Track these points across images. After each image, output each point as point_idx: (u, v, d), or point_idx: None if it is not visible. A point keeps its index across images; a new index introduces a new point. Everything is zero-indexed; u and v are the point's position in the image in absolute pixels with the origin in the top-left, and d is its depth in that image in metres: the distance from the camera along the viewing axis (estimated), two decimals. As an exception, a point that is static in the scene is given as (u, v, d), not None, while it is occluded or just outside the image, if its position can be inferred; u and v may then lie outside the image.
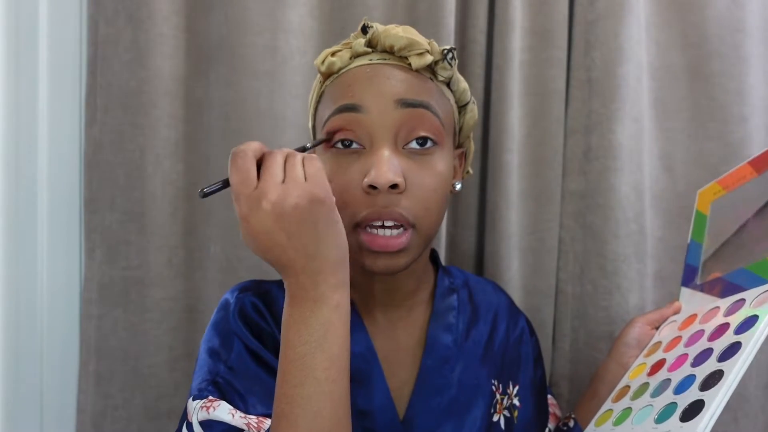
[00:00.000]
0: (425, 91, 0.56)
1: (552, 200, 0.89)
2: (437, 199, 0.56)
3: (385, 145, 0.54)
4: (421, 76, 0.57)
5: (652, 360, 0.64)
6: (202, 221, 0.84)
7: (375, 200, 0.53)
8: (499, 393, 0.63)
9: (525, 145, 0.89)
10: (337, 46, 0.60)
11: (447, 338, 0.62)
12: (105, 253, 0.80)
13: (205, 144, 0.83)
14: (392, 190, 0.53)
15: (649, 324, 0.71)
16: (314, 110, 0.62)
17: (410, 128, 0.55)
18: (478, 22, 0.87)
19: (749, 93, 0.91)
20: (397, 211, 0.54)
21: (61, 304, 0.84)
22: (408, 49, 0.56)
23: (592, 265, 0.88)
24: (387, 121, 0.54)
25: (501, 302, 0.71)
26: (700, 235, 0.72)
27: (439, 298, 0.65)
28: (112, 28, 0.79)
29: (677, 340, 0.63)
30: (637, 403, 0.57)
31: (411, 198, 0.54)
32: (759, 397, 0.92)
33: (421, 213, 0.55)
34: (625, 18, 0.86)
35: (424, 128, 0.55)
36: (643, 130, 0.88)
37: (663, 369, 0.59)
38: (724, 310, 0.59)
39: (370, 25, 0.58)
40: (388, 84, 0.55)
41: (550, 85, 0.88)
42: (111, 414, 0.79)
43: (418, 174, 0.55)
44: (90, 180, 0.80)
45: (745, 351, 0.50)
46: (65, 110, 0.83)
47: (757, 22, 0.92)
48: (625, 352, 0.70)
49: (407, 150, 0.55)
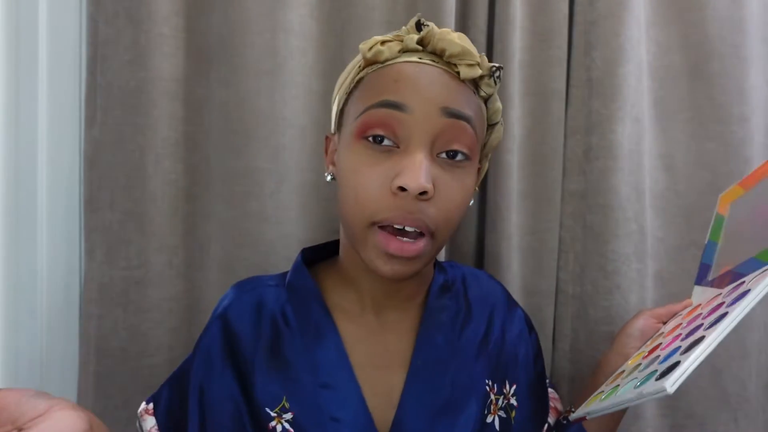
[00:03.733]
0: (469, 104, 0.55)
1: (552, 200, 0.89)
2: (460, 213, 0.56)
3: (421, 150, 0.53)
4: (466, 88, 0.56)
5: (651, 346, 0.64)
6: (202, 221, 0.84)
7: (401, 203, 0.52)
8: (493, 393, 0.62)
9: (525, 145, 0.89)
10: (387, 36, 0.58)
11: (439, 338, 0.61)
12: (105, 253, 0.80)
13: (205, 144, 0.83)
14: (420, 196, 0.52)
15: (655, 317, 0.70)
16: (347, 95, 0.59)
17: (449, 138, 0.54)
18: (478, 22, 0.87)
19: (749, 93, 0.91)
20: (421, 219, 0.53)
21: (61, 304, 0.84)
22: (460, 57, 0.55)
23: (592, 265, 0.88)
24: (428, 127, 0.53)
25: (497, 296, 0.69)
26: (716, 235, 0.71)
27: (432, 297, 0.64)
28: (112, 28, 0.79)
29: (677, 327, 0.63)
30: (626, 380, 0.58)
31: (436, 207, 0.53)
32: (759, 397, 0.92)
33: (442, 224, 0.54)
34: (625, 18, 0.86)
35: (461, 142, 0.54)
36: (644, 130, 0.88)
37: (657, 351, 0.60)
38: (724, 294, 0.60)
39: (426, 24, 0.57)
40: (436, 89, 0.54)
41: (550, 85, 0.88)
42: (111, 414, 0.79)
43: (447, 184, 0.54)
44: (90, 180, 0.80)
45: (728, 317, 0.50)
46: (65, 110, 0.83)
47: (757, 22, 0.92)
48: (627, 342, 0.68)
49: (440, 159, 0.54)
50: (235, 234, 0.81)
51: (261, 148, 0.81)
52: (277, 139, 0.81)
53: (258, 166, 0.81)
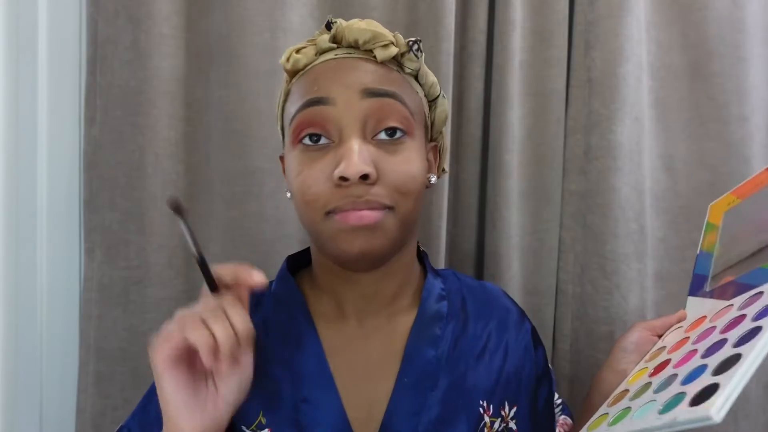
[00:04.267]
0: (391, 81, 0.55)
1: (552, 200, 0.89)
2: (414, 184, 0.54)
3: (353, 136, 0.52)
4: (388, 68, 0.56)
5: (655, 363, 0.59)
6: (202, 221, 0.84)
7: (347, 191, 0.51)
8: (488, 415, 0.57)
9: (525, 145, 0.89)
10: (301, 43, 0.59)
11: (429, 352, 0.57)
12: (105, 252, 0.80)
13: (205, 144, 0.83)
14: (363, 180, 0.51)
15: (650, 330, 0.65)
16: (281, 110, 0.61)
17: (378, 118, 0.53)
18: (478, 22, 0.87)
19: (749, 93, 0.91)
20: (372, 200, 0.52)
21: (61, 304, 0.84)
22: (372, 41, 0.55)
23: (592, 265, 0.88)
24: (354, 112, 0.53)
25: (503, 312, 0.64)
26: (710, 245, 0.68)
27: (424, 305, 0.60)
28: (112, 28, 0.79)
29: (684, 341, 0.58)
30: (637, 401, 0.53)
31: (385, 186, 0.52)
32: (759, 397, 0.92)
33: (397, 196, 0.53)
34: (625, 18, 0.86)
35: (392, 118, 0.54)
36: (644, 130, 0.88)
37: (668, 367, 0.54)
38: (739, 305, 0.55)
39: (334, 21, 0.57)
40: (354, 75, 0.54)
41: (550, 85, 0.88)
42: (111, 414, 0.79)
43: (389, 162, 0.53)
44: (90, 180, 0.80)
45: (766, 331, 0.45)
46: (65, 110, 0.83)
47: (757, 22, 0.92)
48: (622, 357, 0.63)
49: (377, 141, 0.53)
50: (235, 234, 0.81)
51: (261, 148, 0.81)
52: (277, 139, 0.81)
53: (258, 166, 0.81)
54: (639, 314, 0.87)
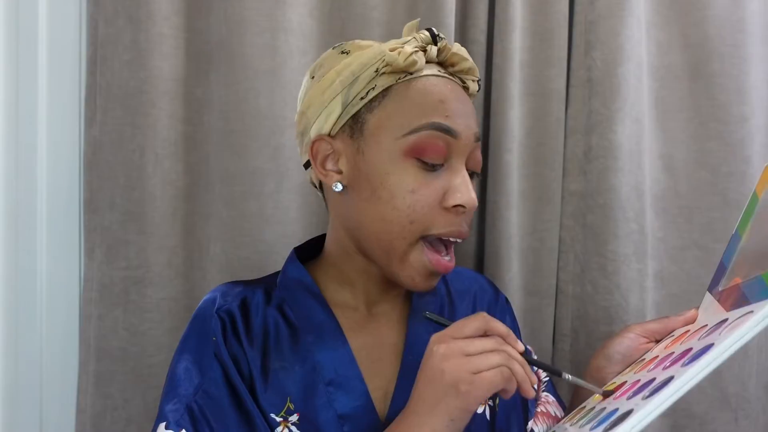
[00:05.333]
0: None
1: (552, 200, 0.89)
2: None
3: (464, 168, 0.57)
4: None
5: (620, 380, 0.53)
6: (202, 221, 0.84)
7: (454, 219, 0.56)
8: None
9: (525, 145, 0.89)
10: (407, 43, 0.57)
11: (427, 334, 0.59)
12: (105, 253, 0.80)
13: (205, 144, 0.83)
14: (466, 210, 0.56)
15: (646, 335, 0.60)
16: (362, 101, 0.56)
17: (474, 157, 0.59)
18: (478, 22, 0.87)
19: (749, 93, 0.90)
20: (466, 231, 0.58)
21: (61, 304, 0.84)
22: (467, 72, 0.60)
23: (592, 265, 0.88)
24: (467, 149, 0.57)
25: (479, 286, 0.71)
26: (744, 224, 0.54)
27: (416, 294, 0.64)
28: (112, 28, 0.79)
29: (651, 362, 0.52)
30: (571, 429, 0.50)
31: (467, 220, 0.58)
32: (759, 397, 0.92)
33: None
34: (625, 18, 0.86)
35: (480, 161, 0.60)
36: (644, 130, 0.88)
37: (616, 394, 0.49)
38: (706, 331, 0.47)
39: (441, 37, 0.58)
40: (469, 112, 0.58)
41: (550, 85, 0.88)
42: (111, 414, 0.79)
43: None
44: (90, 180, 0.80)
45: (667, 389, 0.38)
46: (65, 110, 0.83)
47: (757, 22, 0.92)
48: (603, 366, 0.60)
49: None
50: (235, 234, 0.81)
51: (261, 148, 0.81)
52: (277, 139, 0.81)
53: (258, 166, 0.81)
54: (639, 314, 0.87)
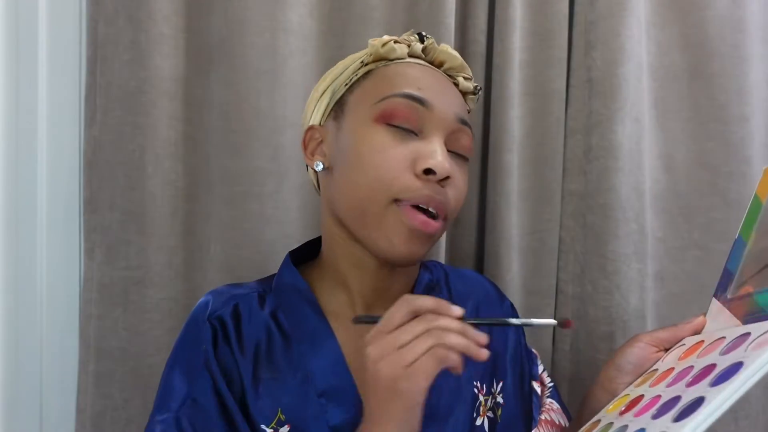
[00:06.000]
0: (466, 113, 0.61)
1: (552, 200, 0.89)
2: (462, 202, 0.59)
3: (439, 140, 0.56)
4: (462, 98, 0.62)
5: (635, 393, 0.51)
6: (202, 221, 0.84)
7: (426, 185, 0.54)
8: (482, 394, 0.61)
9: (525, 145, 0.89)
10: (396, 37, 0.60)
11: None
12: (105, 253, 0.80)
13: (205, 144, 0.83)
14: (443, 181, 0.55)
15: (655, 344, 0.58)
16: (346, 86, 0.60)
17: (457, 139, 0.58)
18: (478, 22, 0.87)
19: (749, 93, 0.91)
20: (443, 202, 0.55)
21: (61, 304, 0.84)
22: (458, 70, 0.61)
23: (592, 265, 0.88)
24: (446, 124, 0.57)
25: (483, 290, 0.69)
26: (748, 229, 0.52)
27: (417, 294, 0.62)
28: (112, 28, 0.79)
29: (667, 374, 0.50)
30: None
31: (452, 193, 0.56)
32: (759, 397, 0.92)
33: (452, 210, 0.58)
34: (625, 18, 0.86)
35: (465, 145, 0.59)
36: (644, 130, 0.88)
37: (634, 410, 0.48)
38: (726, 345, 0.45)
39: (428, 36, 0.61)
40: (449, 94, 0.59)
41: (550, 85, 0.88)
42: (111, 414, 0.79)
43: (456, 174, 0.57)
44: (90, 180, 0.80)
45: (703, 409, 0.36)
46: (65, 110, 0.83)
47: (757, 22, 0.92)
48: (614, 377, 0.57)
49: (451, 152, 0.57)
50: (235, 234, 0.81)
51: (261, 148, 0.81)
52: (277, 139, 0.81)
53: (258, 166, 0.81)
54: (639, 314, 0.87)
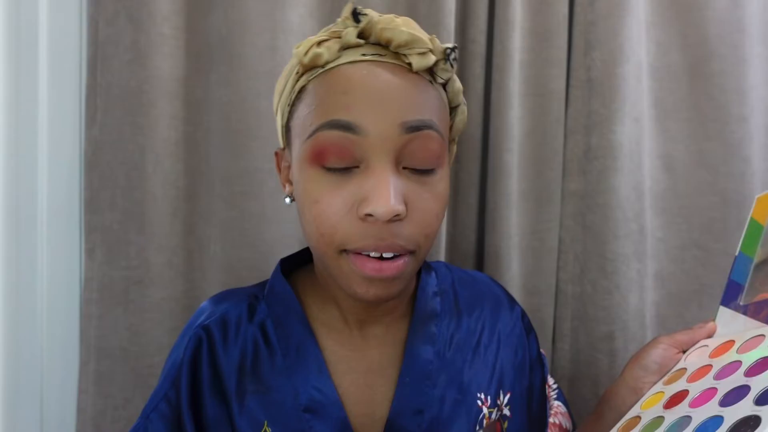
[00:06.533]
0: (428, 106, 0.49)
1: (552, 200, 0.89)
2: (438, 222, 0.51)
3: (385, 167, 0.47)
4: (421, 81, 0.50)
5: (672, 389, 0.54)
6: (202, 221, 0.84)
7: (372, 230, 0.47)
8: (486, 407, 0.58)
9: (525, 145, 0.89)
10: (323, 34, 0.51)
11: (428, 351, 0.57)
12: (105, 253, 0.80)
13: (205, 144, 0.83)
14: (392, 219, 0.46)
15: (675, 346, 0.59)
16: (289, 107, 0.53)
17: (413, 152, 0.48)
18: (478, 22, 0.87)
19: (749, 93, 0.91)
20: (396, 243, 0.47)
21: (61, 304, 0.84)
22: (409, 46, 0.49)
23: (592, 265, 0.88)
24: (389, 145, 0.47)
25: (493, 299, 0.64)
26: (751, 247, 0.59)
27: (419, 305, 0.59)
28: (112, 28, 0.79)
29: (706, 370, 0.53)
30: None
31: (412, 225, 0.48)
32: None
33: (421, 240, 0.49)
34: (625, 18, 0.86)
35: (427, 154, 0.49)
36: (643, 130, 0.88)
37: (684, 403, 0.50)
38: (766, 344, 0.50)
39: (364, 13, 0.49)
40: (391, 99, 0.47)
41: (550, 85, 0.88)
42: (111, 414, 0.79)
43: (420, 197, 0.49)
44: (90, 180, 0.80)
45: None
46: (65, 110, 0.83)
47: (757, 22, 0.92)
48: (641, 376, 0.58)
49: (407, 171, 0.49)
50: (235, 234, 0.81)
51: (261, 148, 0.81)
52: (276, 138, 0.81)
53: (258, 166, 0.81)
54: (639, 314, 0.87)
